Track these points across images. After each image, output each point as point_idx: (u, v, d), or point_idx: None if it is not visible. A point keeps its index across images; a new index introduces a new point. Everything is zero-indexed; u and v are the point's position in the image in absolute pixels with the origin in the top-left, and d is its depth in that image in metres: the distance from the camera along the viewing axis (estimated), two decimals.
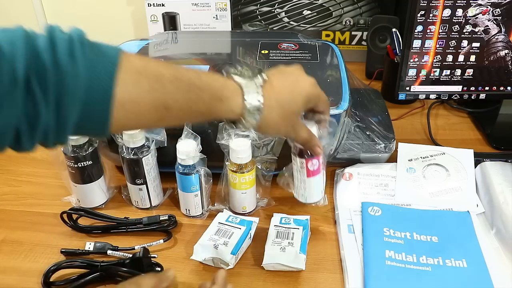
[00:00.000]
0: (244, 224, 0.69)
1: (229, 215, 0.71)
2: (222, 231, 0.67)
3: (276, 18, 1.23)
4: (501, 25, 0.82)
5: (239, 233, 0.67)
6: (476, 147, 0.84)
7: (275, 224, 0.69)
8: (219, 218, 0.70)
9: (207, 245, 0.65)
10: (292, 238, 0.66)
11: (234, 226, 0.68)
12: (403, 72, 0.87)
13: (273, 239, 0.66)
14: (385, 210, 0.72)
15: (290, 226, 0.68)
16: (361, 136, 0.81)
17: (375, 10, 1.19)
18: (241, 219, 0.70)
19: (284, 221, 0.70)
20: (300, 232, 0.67)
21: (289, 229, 0.68)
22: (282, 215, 0.71)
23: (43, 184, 0.82)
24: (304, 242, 0.65)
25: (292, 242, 0.65)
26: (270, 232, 0.68)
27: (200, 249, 0.65)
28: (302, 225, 0.68)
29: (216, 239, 0.65)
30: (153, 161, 0.72)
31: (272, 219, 0.71)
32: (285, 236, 0.66)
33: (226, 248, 0.64)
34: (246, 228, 0.68)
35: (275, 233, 0.67)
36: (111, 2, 1.38)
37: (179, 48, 0.98)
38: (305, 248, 0.65)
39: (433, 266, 0.63)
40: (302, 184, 0.67)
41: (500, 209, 0.69)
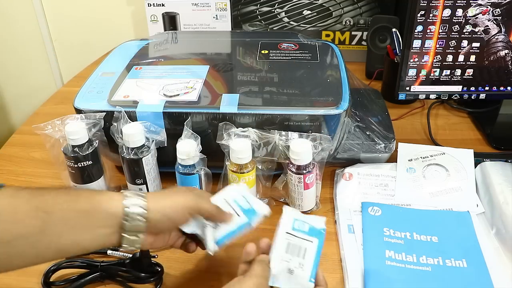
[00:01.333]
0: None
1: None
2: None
3: (276, 18, 1.23)
4: (501, 25, 0.82)
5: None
6: (476, 147, 0.84)
7: (287, 230, 0.54)
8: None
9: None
10: (303, 257, 0.52)
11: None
12: (403, 72, 0.87)
13: (282, 255, 0.52)
14: (385, 210, 0.72)
15: (303, 236, 0.54)
16: (361, 136, 0.81)
17: (375, 10, 1.19)
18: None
19: (297, 226, 0.55)
20: (314, 248, 0.53)
21: (302, 242, 0.53)
22: (295, 215, 0.56)
23: (43, 184, 0.82)
24: (316, 262, 0.52)
25: (303, 263, 0.52)
26: (279, 240, 0.53)
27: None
28: (317, 236, 0.54)
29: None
30: (153, 161, 0.72)
31: (282, 218, 0.56)
32: (296, 252, 0.52)
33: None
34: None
35: (286, 245, 0.53)
36: (111, 2, 1.39)
37: (179, 48, 0.98)
38: (315, 270, 0.52)
39: (433, 266, 0.63)
40: (299, 196, 0.72)
41: (500, 209, 0.69)
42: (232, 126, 0.71)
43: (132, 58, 0.88)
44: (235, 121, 0.72)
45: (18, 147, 0.93)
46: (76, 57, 1.47)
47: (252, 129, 0.70)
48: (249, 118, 0.72)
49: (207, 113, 0.72)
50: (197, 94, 0.75)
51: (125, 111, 0.71)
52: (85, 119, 0.71)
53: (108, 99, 0.75)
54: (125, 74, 0.82)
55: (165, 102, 0.73)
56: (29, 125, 0.79)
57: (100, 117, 0.71)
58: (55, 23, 1.45)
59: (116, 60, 0.89)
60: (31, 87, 1.55)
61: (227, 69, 0.84)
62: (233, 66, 0.85)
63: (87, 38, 1.45)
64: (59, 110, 0.96)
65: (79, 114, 0.72)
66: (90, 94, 0.77)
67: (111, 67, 0.85)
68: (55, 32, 1.46)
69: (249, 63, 0.86)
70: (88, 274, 0.62)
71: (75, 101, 0.75)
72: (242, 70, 0.83)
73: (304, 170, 0.69)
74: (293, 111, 0.71)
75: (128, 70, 0.84)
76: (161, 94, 0.75)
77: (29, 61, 1.51)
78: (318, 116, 0.71)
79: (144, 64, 0.86)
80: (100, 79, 0.82)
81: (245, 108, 0.72)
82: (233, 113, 0.71)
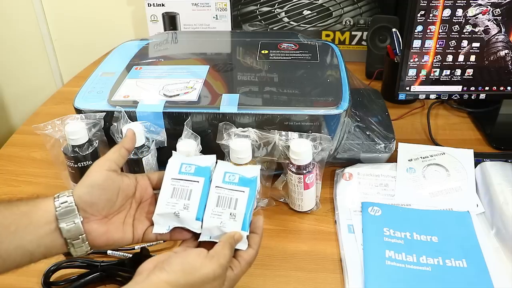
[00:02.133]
0: (202, 173, 0.56)
1: (181, 163, 0.57)
2: (179, 191, 0.55)
3: (276, 18, 1.23)
4: (501, 25, 0.82)
5: (198, 188, 0.55)
6: (476, 147, 0.84)
7: (217, 184, 0.56)
8: (170, 171, 0.56)
9: (166, 213, 0.54)
10: (234, 207, 0.54)
11: (190, 180, 0.56)
12: (403, 72, 0.87)
13: (213, 208, 0.54)
14: (385, 210, 0.72)
15: (233, 187, 0.55)
16: (361, 136, 0.81)
17: (375, 10, 1.19)
18: (196, 167, 0.57)
19: (228, 178, 0.56)
20: (245, 197, 0.54)
21: (233, 193, 0.55)
22: (226, 168, 0.57)
23: (43, 184, 0.82)
24: (249, 211, 0.53)
25: (234, 213, 0.53)
26: (210, 195, 0.55)
27: (161, 220, 0.54)
28: (249, 185, 0.55)
29: (175, 203, 0.54)
30: (153, 161, 0.72)
31: (215, 174, 0.57)
32: (227, 204, 0.54)
33: (189, 213, 0.53)
34: (205, 179, 0.55)
35: (216, 199, 0.54)
36: (111, 2, 1.39)
37: (179, 48, 0.98)
38: (248, 220, 0.53)
39: (433, 266, 0.63)
40: (298, 196, 0.72)
41: (500, 209, 0.69)
42: (232, 126, 0.71)
43: (132, 58, 0.88)
44: (235, 121, 0.72)
45: (18, 147, 0.92)
46: (76, 57, 1.47)
47: (252, 129, 0.70)
48: (249, 118, 0.72)
49: (207, 113, 0.72)
50: (197, 94, 0.75)
51: (125, 111, 0.71)
52: (85, 119, 0.71)
53: (108, 99, 0.75)
54: (125, 74, 0.82)
55: (165, 102, 0.73)
56: (29, 125, 0.79)
57: (100, 117, 0.71)
58: (55, 23, 1.45)
59: (116, 60, 0.89)
60: (31, 87, 1.55)
61: (227, 69, 0.84)
62: (233, 66, 0.85)
63: (87, 38, 1.45)
64: (59, 110, 0.96)
65: (79, 114, 0.72)
66: (90, 94, 0.77)
67: (111, 67, 0.85)
68: (55, 32, 1.46)
69: (249, 63, 0.86)
70: (88, 274, 0.62)
71: (75, 101, 0.75)
72: (242, 70, 0.83)
73: (304, 170, 0.69)
74: (293, 111, 0.71)
75: (128, 70, 0.84)
76: (161, 94, 0.75)
77: (29, 61, 1.51)
78: (318, 116, 0.71)
79: (144, 64, 0.86)
80: (100, 79, 0.82)
81: (245, 108, 0.72)
82: (233, 113, 0.71)
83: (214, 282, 0.48)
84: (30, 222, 0.48)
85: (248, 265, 0.53)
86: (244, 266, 0.52)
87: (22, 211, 0.49)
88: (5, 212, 0.48)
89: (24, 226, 0.48)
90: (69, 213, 0.49)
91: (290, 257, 0.67)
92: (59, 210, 0.49)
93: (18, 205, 0.49)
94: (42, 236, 0.48)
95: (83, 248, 0.51)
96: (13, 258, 0.48)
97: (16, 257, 0.48)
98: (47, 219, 0.49)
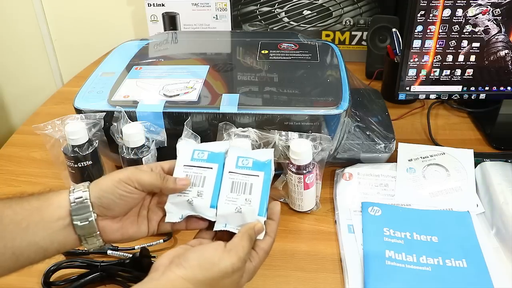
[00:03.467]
0: (215, 159, 0.54)
1: (193, 150, 0.55)
2: (192, 177, 0.53)
3: (276, 18, 1.23)
4: (501, 25, 0.82)
5: (211, 175, 0.53)
6: (476, 147, 0.84)
7: (230, 170, 0.53)
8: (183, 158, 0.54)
9: (180, 202, 0.52)
10: (250, 192, 0.51)
11: (204, 167, 0.53)
12: (403, 72, 0.87)
13: (227, 195, 0.52)
14: (385, 210, 0.72)
15: (248, 172, 0.53)
16: (361, 136, 0.81)
17: (375, 10, 1.19)
18: (209, 153, 0.54)
19: (241, 163, 0.54)
20: (261, 181, 0.52)
21: (247, 178, 0.53)
22: (239, 153, 0.55)
23: (43, 184, 0.82)
24: (265, 195, 0.52)
25: (250, 198, 0.51)
26: (224, 181, 0.53)
27: (174, 208, 0.52)
28: (263, 168, 0.53)
29: (188, 191, 0.52)
30: (153, 161, 0.72)
31: (227, 159, 0.54)
32: (242, 190, 0.52)
33: (203, 200, 0.51)
34: (218, 165, 0.53)
35: (230, 185, 0.52)
36: (111, 2, 1.39)
37: (179, 48, 0.98)
38: (265, 204, 0.51)
39: (433, 266, 0.63)
40: (298, 196, 0.72)
41: (500, 209, 0.69)
42: (232, 126, 0.71)
43: (132, 58, 0.88)
44: (235, 121, 0.72)
45: (18, 147, 0.93)
46: (76, 57, 1.47)
47: (252, 129, 0.70)
48: (249, 118, 0.72)
49: (207, 113, 0.72)
50: (197, 94, 0.75)
51: (125, 111, 0.71)
52: (85, 119, 0.71)
53: (108, 99, 0.75)
54: (125, 74, 0.82)
55: (165, 102, 0.73)
56: (29, 125, 0.79)
57: (100, 117, 0.71)
58: (55, 23, 1.45)
59: (116, 60, 0.89)
60: (31, 87, 1.55)
61: (227, 69, 0.84)
62: (233, 66, 0.85)
63: (87, 38, 1.45)
64: (59, 110, 0.96)
65: (79, 114, 0.72)
66: (90, 94, 0.77)
67: (111, 67, 0.85)
68: (55, 32, 1.46)
69: (249, 63, 0.86)
70: (88, 274, 0.62)
71: (75, 101, 0.75)
72: (242, 70, 0.83)
73: (304, 170, 0.69)
74: (293, 111, 0.71)
75: (128, 70, 0.84)
76: (161, 94, 0.75)
77: (29, 61, 1.51)
78: (318, 116, 0.71)
79: (144, 64, 0.86)
80: (100, 79, 0.82)
81: (245, 108, 0.72)
82: (233, 113, 0.71)
83: (233, 276, 0.47)
84: (42, 218, 0.47)
85: (266, 254, 0.51)
86: (262, 255, 0.50)
87: (34, 207, 0.48)
88: (16, 208, 0.47)
89: (36, 222, 0.47)
90: (83, 209, 0.48)
91: (290, 257, 0.67)
92: (73, 206, 0.48)
93: (30, 200, 0.48)
94: (54, 232, 0.48)
95: (97, 243, 0.50)
96: (27, 254, 0.47)
97: (29, 253, 0.47)
98: (59, 215, 0.48)
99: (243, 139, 0.69)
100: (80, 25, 1.44)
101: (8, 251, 0.46)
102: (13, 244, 0.46)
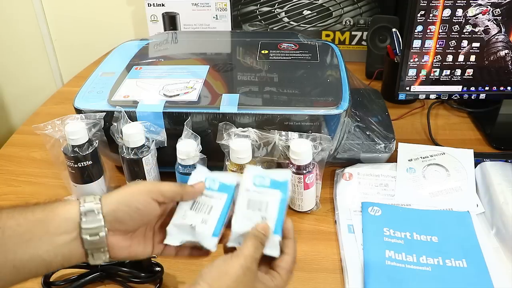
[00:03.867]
0: (225, 190, 0.54)
1: (205, 178, 0.55)
2: (200, 204, 0.53)
3: (276, 18, 1.23)
4: (501, 25, 0.82)
5: (219, 205, 0.53)
6: (476, 147, 0.84)
7: (247, 187, 0.53)
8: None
9: (183, 225, 0.51)
10: (266, 210, 0.51)
11: (213, 195, 0.54)
12: (403, 72, 0.87)
13: (243, 212, 0.52)
14: (385, 210, 0.72)
15: (264, 190, 0.53)
16: (361, 136, 0.81)
17: (375, 10, 1.19)
18: (221, 184, 0.55)
19: (258, 182, 0.54)
20: (277, 200, 0.52)
21: (263, 196, 0.52)
22: (257, 172, 0.55)
23: (43, 184, 0.82)
24: (281, 215, 0.51)
25: (265, 216, 0.51)
26: (239, 199, 0.53)
27: (175, 231, 0.52)
28: (280, 188, 0.53)
29: (193, 216, 0.52)
30: (153, 161, 0.72)
31: (244, 175, 0.55)
32: (258, 207, 0.52)
33: (206, 227, 0.51)
34: (227, 196, 0.54)
35: (246, 202, 0.52)
36: (111, 2, 1.39)
37: (179, 48, 0.98)
38: (281, 224, 0.51)
39: (433, 266, 0.63)
40: (298, 196, 0.72)
41: (500, 209, 0.69)
42: (232, 126, 0.71)
43: (132, 58, 0.88)
44: (235, 121, 0.72)
45: (18, 147, 0.93)
46: (76, 57, 1.47)
47: (252, 129, 0.70)
48: (249, 118, 0.72)
49: (207, 113, 0.72)
50: (197, 94, 0.75)
51: (125, 111, 0.71)
52: (85, 119, 0.71)
53: (108, 99, 0.75)
54: (125, 74, 0.82)
55: (165, 102, 0.73)
56: (29, 125, 0.79)
57: (100, 117, 0.71)
58: (55, 23, 1.45)
59: (116, 60, 0.89)
60: (31, 87, 1.55)
61: (227, 69, 0.84)
62: (233, 66, 0.85)
63: (87, 38, 1.45)
64: (59, 110, 0.96)
65: (79, 114, 0.72)
66: (90, 94, 0.77)
67: (111, 67, 0.85)
68: (55, 32, 1.46)
69: (249, 63, 0.86)
70: (88, 274, 0.62)
71: (75, 101, 0.75)
72: (242, 70, 0.84)
73: (304, 170, 0.69)
74: (293, 111, 0.71)
75: (128, 70, 0.84)
76: (161, 94, 0.75)
77: (29, 61, 1.51)
78: (318, 116, 0.71)
79: (144, 64, 0.86)
80: (100, 79, 0.82)
81: (245, 108, 0.72)
82: (233, 113, 0.71)
83: (246, 278, 0.46)
84: (47, 230, 0.45)
85: (288, 273, 0.50)
86: (285, 275, 0.49)
87: (38, 218, 0.45)
88: (20, 219, 0.45)
89: (40, 234, 0.45)
90: (94, 223, 0.46)
91: None
92: (83, 219, 0.46)
93: (34, 211, 0.46)
94: (60, 246, 0.45)
95: (103, 258, 0.48)
96: (28, 268, 0.45)
97: (31, 267, 0.45)
98: (66, 228, 0.46)
99: (243, 139, 0.69)
100: (80, 25, 1.44)
101: (9, 264, 0.44)
102: (14, 257, 0.44)
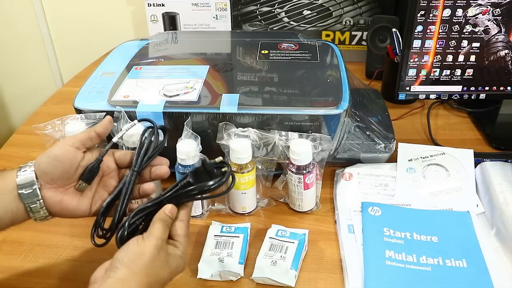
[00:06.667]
0: (241, 231, 0.67)
1: (221, 226, 0.69)
2: (222, 243, 0.65)
3: (276, 18, 1.23)
4: (501, 25, 0.82)
5: (239, 241, 0.65)
6: (476, 147, 0.84)
7: (271, 236, 0.67)
8: (213, 231, 0.68)
9: (212, 260, 0.63)
10: (285, 252, 0.63)
11: (231, 236, 0.67)
12: (403, 72, 0.87)
13: (265, 252, 0.64)
14: (385, 210, 0.72)
15: (285, 239, 0.66)
16: (361, 136, 0.81)
17: (375, 10, 1.19)
18: (236, 227, 0.68)
19: (280, 233, 0.67)
20: (295, 247, 0.64)
21: (284, 242, 0.65)
22: (280, 227, 0.68)
23: None
24: (298, 257, 0.63)
25: (284, 256, 0.63)
26: (264, 244, 0.65)
27: (205, 266, 0.63)
28: (298, 239, 0.65)
29: (219, 252, 0.64)
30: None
31: (269, 230, 0.68)
32: (279, 249, 0.64)
33: (232, 258, 0.63)
34: (244, 235, 0.67)
35: (269, 246, 0.65)
36: (111, 2, 1.39)
37: (179, 48, 0.98)
38: (297, 263, 0.62)
39: (433, 266, 0.63)
40: (298, 196, 0.72)
41: (500, 209, 0.69)
42: (232, 126, 0.71)
43: (132, 58, 0.88)
44: (235, 121, 0.72)
45: (18, 147, 0.92)
46: (76, 57, 1.47)
47: (252, 129, 0.70)
48: (249, 118, 0.72)
49: (207, 113, 0.72)
50: (197, 94, 0.75)
51: (125, 111, 0.71)
52: (85, 119, 0.71)
53: (108, 99, 0.75)
54: (125, 74, 0.82)
55: (165, 102, 0.73)
56: (29, 125, 0.79)
57: (100, 117, 0.71)
58: (55, 23, 1.45)
59: (116, 60, 0.89)
60: (31, 87, 1.55)
61: (227, 69, 0.84)
62: (233, 66, 0.85)
63: (87, 38, 1.45)
64: (59, 110, 0.96)
65: (79, 114, 0.72)
66: (90, 94, 0.77)
67: (111, 67, 0.85)
68: (55, 32, 1.46)
69: (249, 63, 0.86)
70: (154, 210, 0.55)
71: (75, 101, 0.75)
72: (242, 70, 0.84)
73: (304, 170, 0.69)
74: (293, 111, 0.71)
75: (128, 70, 0.84)
76: (161, 94, 0.75)
77: (29, 61, 1.51)
78: (318, 116, 0.71)
79: (144, 64, 0.86)
80: (100, 79, 0.82)
81: (245, 108, 0.72)
82: (233, 113, 0.71)
83: (160, 256, 0.49)
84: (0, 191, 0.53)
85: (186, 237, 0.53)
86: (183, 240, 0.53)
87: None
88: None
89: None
90: (28, 180, 0.54)
91: None
92: (19, 177, 0.54)
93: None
94: (7, 203, 0.53)
95: (41, 213, 0.55)
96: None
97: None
98: (11, 187, 0.53)
99: (243, 139, 0.69)
100: (80, 25, 1.44)
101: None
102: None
